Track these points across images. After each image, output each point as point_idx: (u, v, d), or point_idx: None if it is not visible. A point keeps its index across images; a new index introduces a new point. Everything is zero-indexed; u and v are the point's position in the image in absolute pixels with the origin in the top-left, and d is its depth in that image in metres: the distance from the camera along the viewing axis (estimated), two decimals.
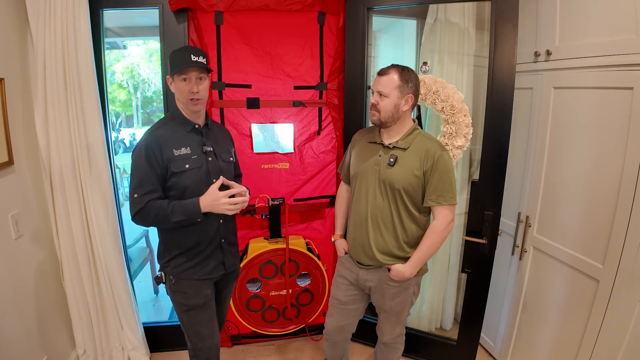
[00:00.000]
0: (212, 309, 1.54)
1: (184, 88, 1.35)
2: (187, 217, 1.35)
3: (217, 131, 1.56)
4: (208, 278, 1.49)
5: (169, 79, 1.39)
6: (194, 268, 1.45)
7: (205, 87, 1.40)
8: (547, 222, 1.79)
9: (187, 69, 1.33)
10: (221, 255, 1.51)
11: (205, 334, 1.52)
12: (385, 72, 1.44)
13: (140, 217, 1.35)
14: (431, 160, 1.43)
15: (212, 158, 1.45)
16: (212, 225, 1.46)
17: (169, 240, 1.46)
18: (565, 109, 1.66)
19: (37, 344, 1.73)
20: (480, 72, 1.96)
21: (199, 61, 1.34)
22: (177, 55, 1.36)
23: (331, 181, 2.21)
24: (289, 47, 2.02)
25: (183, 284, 1.46)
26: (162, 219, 1.34)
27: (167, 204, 1.34)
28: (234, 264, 1.60)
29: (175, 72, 1.33)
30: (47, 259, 1.83)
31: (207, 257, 1.47)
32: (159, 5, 1.84)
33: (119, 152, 9.56)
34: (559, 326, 1.71)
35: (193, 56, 1.33)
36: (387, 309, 1.62)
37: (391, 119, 1.45)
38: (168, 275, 1.48)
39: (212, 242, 1.47)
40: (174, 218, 1.33)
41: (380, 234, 1.52)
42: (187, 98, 1.36)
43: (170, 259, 1.45)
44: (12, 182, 1.61)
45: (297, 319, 2.24)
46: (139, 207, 1.33)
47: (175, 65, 1.34)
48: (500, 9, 1.64)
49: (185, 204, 1.35)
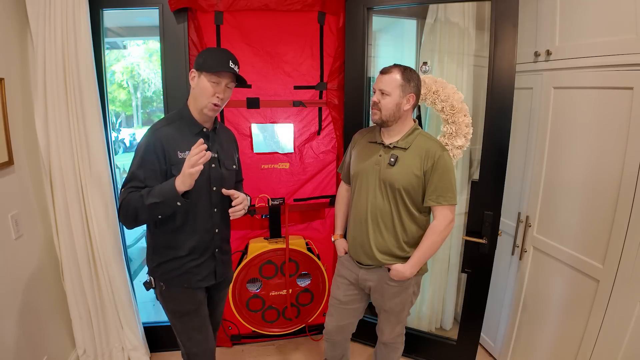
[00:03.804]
0: (204, 313, 1.49)
1: (210, 89, 1.30)
2: (163, 198, 1.22)
3: (223, 136, 1.52)
4: (199, 287, 1.44)
5: (193, 72, 1.34)
6: (184, 275, 1.40)
7: (229, 96, 1.37)
8: (547, 222, 1.79)
9: (222, 73, 1.30)
10: (214, 264, 1.47)
11: (199, 339, 1.48)
12: (387, 70, 1.45)
13: (122, 211, 1.26)
14: (431, 160, 1.43)
15: (215, 165, 1.39)
16: (207, 234, 1.42)
17: (160, 243, 1.40)
18: (565, 109, 1.66)
19: (37, 343, 1.73)
20: (480, 72, 1.96)
21: (235, 70, 1.33)
22: (216, 55, 1.33)
23: (331, 181, 2.21)
24: (289, 47, 2.02)
25: (174, 291, 1.42)
26: (139, 206, 1.23)
27: (145, 190, 1.25)
28: (225, 273, 1.55)
29: (210, 72, 1.29)
30: (47, 259, 1.83)
31: (199, 266, 1.42)
32: (158, 5, 1.84)
33: (119, 152, 9.55)
34: (559, 326, 1.71)
35: (232, 63, 1.32)
36: (387, 309, 1.62)
37: (392, 117, 1.45)
38: (158, 281, 1.42)
39: (206, 251, 1.43)
40: (148, 200, 1.22)
41: (380, 234, 1.52)
42: (209, 100, 1.31)
43: (160, 264, 1.40)
44: (12, 182, 1.61)
45: (297, 319, 2.24)
46: (122, 199, 1.25)
47: (212, 65, 1.29)
48: (500, 9, 1.64)
49: (161, 185, 1.25)
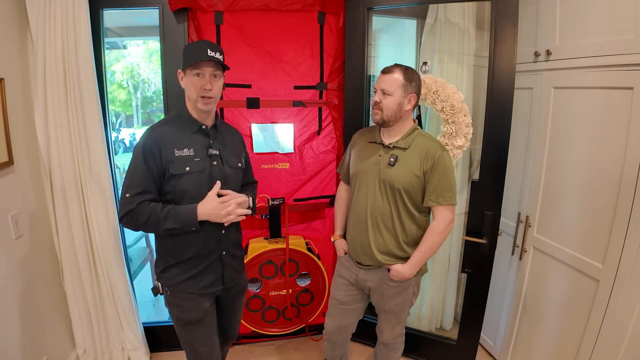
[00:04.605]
0: (210, 325, 1.42)
1: (196, 84, 1.24)
2: (180, 225, 1.23)
3: (227, 134, 1.45)
4: (205, 293, 1.38)
5: (180, 73, 1.30)
6: (189, 281, 1.34)
7: (220, 86, 1.30)
8: (547, 222, 1.79)
9: (201, 63, 1.22)
10: (221, 268, 1.39)
11: (204, 353, 1.40)
12: (389, 70, 1.45)
13: (128, 219, 1.23)
14: (431, 160, 1.43)
15: (217, 162, 1.34)
16: (213, 236, 1.35)
17: (164, 248, 1.36)
18: (565, 109, 1.66)
19: (37, 343, 1.73)
20: (480, 72, 1.96)
21: (215, 57, 1.24)
22: (193, 48, 1.26)
23: (331, 181, 2.21)
24: (289, 47, 2.02)
25: (178, 297, 1.36)
26: (153, 224, 1.22)
27: (162, 209, 1.22)
28: (235, 279, 1.47)
29: (189, 66, 1.23)
30: (47, 259, 1.83)
31: (204, 270, 1.36)
32: (158, 5, 1.84)
33: (119, 152, 9.56)
34: (559, 326, 1.71)
35: (210, 51, 1.23)
36: (386, 309, 1.62)
37: (393, 117, 1.45)
38: (163, 287, 1.38)
39: (211, 253, 1.36)
40: (166, 225, 1.21)
41: (380, 234, 1.52)
42: (197, 95, 1.25)
43: (165, 269, 1.36)
44: (12, 182, 1.61)
45: (297, 319, 2.24)
46: (129, 208, 1.21)
47: (190, 58, 1.23)
48: (500, 9, 1.64)
49: (181, 210, 1.24)
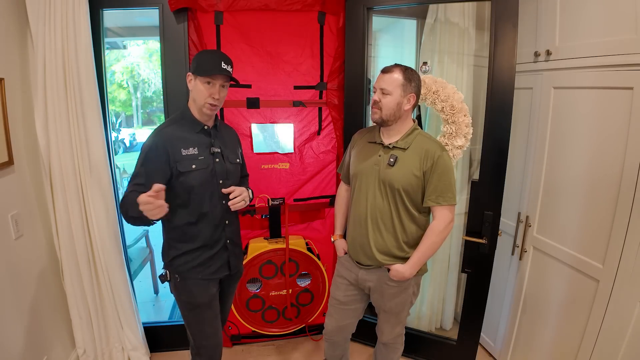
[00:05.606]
0: (216, 308, 1.56)
1: (205, 91, 1.36)
2: (139, 214, 1.18)
3: (225, 132, 1.57)
4: (212, 278, 1.50)
5: (190, 75, 1.41)
6: (199, 267, 1.46)
7: (225, 95, 1.43)
8: (547, 222, 1.79)
9: (215, 75, 1.35)
10: (226, 255, 1.53)
11: (210, 332, 1.54)
12: (389, 70, 1.44)
13: (122, 206, 1.29)
14: (431, 160, 1.43)
15: (219, 159, 1.46)
16: (219, 226, 1.48)
17: (174, 237, 1.46)
18: (565, 109, 1.66)
19: (37, 344, 1.73)
20: (480, 72, 1.96)
21: (228, 70, 1.38)
22: (208, 57, 1.38)
23: (331, 181, 2.21)
24: (289, 47, 2.02)
25: (189, 283, 1.47)
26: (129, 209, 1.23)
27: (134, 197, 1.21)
28: (238, 265, 1.62)
29: (204, 75, 1.35)
30: (47, 259, 1.83)
31: (212, 257, 1.48)
32: (158, 5, 1.84)
33: (119, 152, 9.57)
34: (559, 326, 1.71)
35: (224, 64, 1.36)
36: (386, 309, 1.62)
37: (393, 117, 1.45)
38: (173, 274, 1.48)
39: (218, 242, 1.49)
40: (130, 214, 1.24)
41: (380, 234, 1.52)
42: (205, 101, 1.38)
43: (175, 257, 1.46)
44: (12, 182, 1.61)
45: (297, 319, 2.24)
46: (124, 194, 1.30)
47: (204, 68, 1.35)
48: (500, 9, 1.64)
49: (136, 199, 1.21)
